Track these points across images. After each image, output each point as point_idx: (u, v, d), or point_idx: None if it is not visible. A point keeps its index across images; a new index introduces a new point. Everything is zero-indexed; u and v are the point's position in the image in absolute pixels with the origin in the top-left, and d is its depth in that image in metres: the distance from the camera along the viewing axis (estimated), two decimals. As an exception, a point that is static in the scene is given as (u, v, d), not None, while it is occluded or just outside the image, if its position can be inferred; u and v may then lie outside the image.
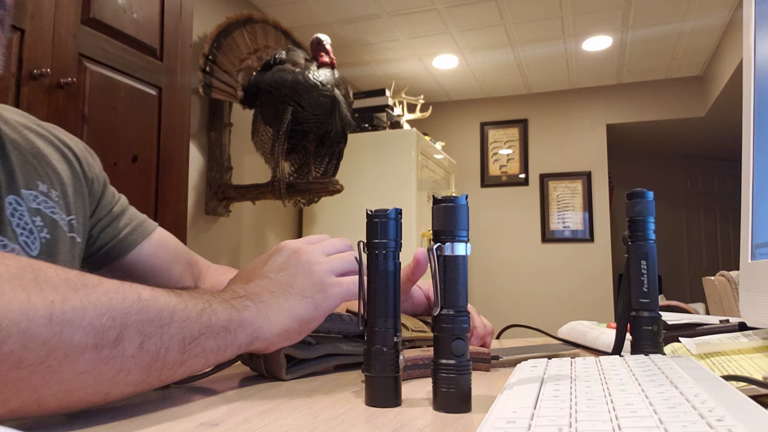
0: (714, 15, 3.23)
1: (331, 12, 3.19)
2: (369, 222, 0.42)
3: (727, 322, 0.62)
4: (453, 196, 0.39)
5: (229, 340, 0.42)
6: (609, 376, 0.37)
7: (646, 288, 0.50)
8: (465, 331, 0.38)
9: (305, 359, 0.52)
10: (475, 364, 0.54)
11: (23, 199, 0.59)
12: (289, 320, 0.46)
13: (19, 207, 0.58)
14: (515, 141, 4.56)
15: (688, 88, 4.24)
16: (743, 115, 0.59)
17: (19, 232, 0.57)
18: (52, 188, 0.64)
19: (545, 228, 4.40)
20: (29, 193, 0.60)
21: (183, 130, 1.83)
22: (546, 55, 3.77)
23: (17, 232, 0.57)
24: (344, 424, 0.35)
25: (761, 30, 0.57)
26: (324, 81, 2.42)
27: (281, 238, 3.34)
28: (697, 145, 5.16)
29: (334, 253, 0.53)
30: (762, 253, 0.53)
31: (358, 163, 3.25)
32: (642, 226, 0.50)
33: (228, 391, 0.46)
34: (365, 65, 3.94)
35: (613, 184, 4.67)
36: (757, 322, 0.54)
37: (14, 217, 0.57)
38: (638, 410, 0.28)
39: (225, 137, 2.75)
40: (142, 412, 0.40)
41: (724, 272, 1.86)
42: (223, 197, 2.71)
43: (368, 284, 0.42)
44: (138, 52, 1.66)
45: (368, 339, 0.41)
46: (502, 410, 0.30)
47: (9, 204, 0.57)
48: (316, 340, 0.53)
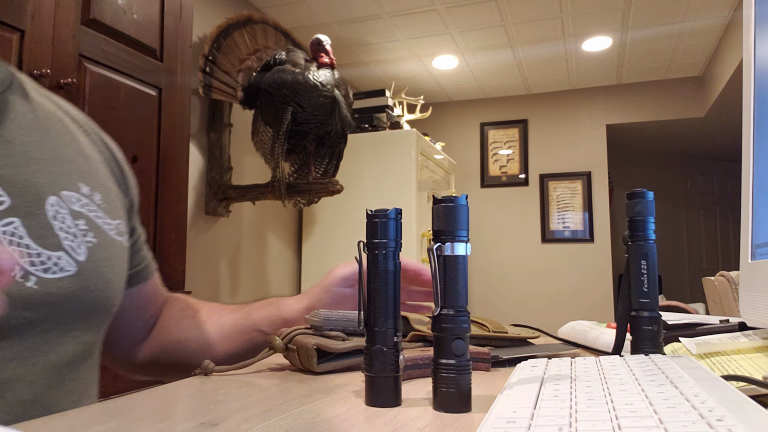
0: (714, 15, 3.23)
1: (331, 12, 3.19)
2: (369, 222, 0.42)
3: (727, 322, 0.62)
4: (453, 196, 0.39)
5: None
6: (609, 376, 0.37)
7: (646, 288, 0.50)
8: (465, 331, 0.38)
9: (336, 353, 0.54)
10: (475, 364, 0.54)
11: (64, 201, 0.53)
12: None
13: (62, 209, 0.52)
14: (515, 141, 4.56)
15: (688, 89, 4.24)
16: (743, 115, 0.59)
17: (62, 236, 0.51)
18: (95, 190, 0.59)
19: (545, 228, 4.40)
20: (70, 194, 0.55)
21: (183, 131, 1.83)
22: (546, 55, 3.78)
23: (60, 236, 0.51)
24: (344, 424, 0.35)
25: (761, 30, 0.57)
26: (324, 81, 2.42)
27: (281, 238, 3.34)
28: (697, 145, 5.16)
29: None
30: (762, 253, 0.53)
31: (358, 164, 3.25)
32: (642, 226, 0.50)
33: (228, 391, 0.46)
34: (365, 66, 3.94)
35: (613, 184, 4.67)
36: (757, 322, 0.54)
37: (56, 220, 0.51)
38: (638, 410, 0.28)
39: (225, 137, 2.75)
40: (142, 411, 0.40)
41: (724, 272, 1.86)
42: (223, 197, 2.71)
43: (368, 284, 0.42)
44: (138, 52, 1.66)
45: (368, 339, 0.41)
46: (502, 410, 0.30)
47: (51, 206, 0.52)
48: (347, 335, 0.56)
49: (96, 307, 0.55)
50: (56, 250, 0.50)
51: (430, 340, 0.61)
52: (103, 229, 0.57)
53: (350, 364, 0.55)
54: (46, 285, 0.49)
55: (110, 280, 0.56)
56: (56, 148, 0.56)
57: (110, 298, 0.57)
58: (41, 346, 0.49)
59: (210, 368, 0.53)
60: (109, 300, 0.57)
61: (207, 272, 2.70)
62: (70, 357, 0.52)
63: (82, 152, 0.60)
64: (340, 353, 0.54)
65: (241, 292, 2.94)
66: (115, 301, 0.59)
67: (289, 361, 0.56)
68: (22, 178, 0.50)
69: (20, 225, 0.48)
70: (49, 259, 0.49)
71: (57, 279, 0.50)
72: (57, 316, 0.50)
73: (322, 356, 0.53)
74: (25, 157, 0.52)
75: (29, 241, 0.48)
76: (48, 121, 0.57)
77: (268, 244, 3.22)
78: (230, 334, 0.71)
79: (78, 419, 0.37)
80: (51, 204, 0.52)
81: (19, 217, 0.48)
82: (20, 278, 0.47)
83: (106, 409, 0.40)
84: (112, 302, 0.58)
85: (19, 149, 0.52)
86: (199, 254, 2.60)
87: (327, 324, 0.56)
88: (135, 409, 0.42)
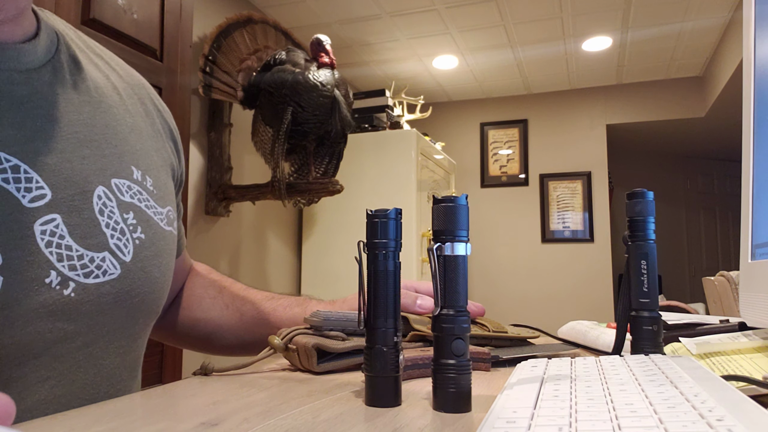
0: (714, 15, 3.23)
1: (331, 12, 3.19)
2: (369, 222, 0.42)
3: (727, 322, 0.62)
4: (453, 196, 0.39)
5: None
6: (609, 376, 0.37)
7: (646, 288, 0.50)
8: (465, 331, 0.38)
9: (336, 353, 0.54)
10: (475, 364, 0.54)
11: (113, 191, 0.48)
12: None
13: (109, 202, 0.47)
14: (515, 141, 4.56)
15: (688, 89, 4.24)
16: (743, 115, 0.59)
17: (109, 234, 0.46)
18: (147, 174, 0.53)
19: (545, 228, 4.40)
20: (121, 182, 0.49)
21: (183, 130, 1.83)
22: (546, 55, 3.78)
23: (107, 234, 0.46)
24: (344, 424, 0.35)
25: (761, 30, 0.57)
26: (324, 81, 2.42)
27: (281, 238, 3.34)
28: (697, 145, 5.16)
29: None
30: (762, 253, 0.53)
31: (358, 164, 3.25)
32: (642, 226, 0.50)
33: (228, 391, 0.46)
34: (365, 65, 3.93)
35: (613, 184, 4.67)
36: (757, 322, 0.54)
37: (103, 215, 0.46)
38: (638, 410, 0.28)
39: (225, 137, 2.75)
40: (142, 411, 0.40)
41: (724, 272, 1.86)
42: (223, 197, 2.71)
43: (368, 284, 0.42)
44: (138, 52, 1.66)
45: (368, 339, 0.41)
46: (502, 410, 0.30)
47: (98, 198, 0.46)
48: (346, 335, 0.56)
49: (141, 310, 0.51)
50: (101, 251, 0.45)
51: (430, 340, 0.61)
52: (153, 221, 0.52)
53: (350, 364, 0.55)
54: (86, 292, 0.44)
55: (157, 280, 0.52)
56: (109, 125, 0.50)
57: (157, 299, 0.53)
58: (83, 361, 0.45)
59: (210, 368, 0.53)
60: (155, 302, 0.53)
61: (207, 272, 2.70)
62: (112, 370, 0.48)
63: (136, 127, 0.54)
64: (340, 353, 0.54)
65: (241, 292, 2.94)
66: (162, 301, 0.55)
67: (289, 361, 0.56)
68: (68, 166, 0.45)
69: (62, 222, 0.43)
70: (92, 261, 0.44)
71: (98, 284, 0.45)
72: (99, 327, 0.46)
73: (322, 356, 0.53)
74: (74, 140, 0.46)
75: (71, 242, 0.43)
76: (100, 91, 0.51)
77: (268, 244, 3.22)
78: (250, 326, 0.68)
79: (78, 419, 0.37)
80: (98, 196, 0.46)
81: (61, 213, 0.43)
82: (57, 286, 0.42)
83: (106, 409, 0.40)
84: (159, 303, 0.54)
85: (67, 130, 0.46)
86: (199, 254, 2.60)
87: (327, 324, 0.56)
88: (135, 409, 0.42)
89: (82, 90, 0.49)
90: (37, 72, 0.45)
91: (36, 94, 0.44)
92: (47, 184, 0.43)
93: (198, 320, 0.69)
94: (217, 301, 0.70)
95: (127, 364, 0.51)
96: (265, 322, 0.68)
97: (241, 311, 0.69)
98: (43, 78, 0.45)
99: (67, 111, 0.46)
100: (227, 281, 0.73)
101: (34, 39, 0.46)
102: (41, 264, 0.41)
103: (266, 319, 0.68)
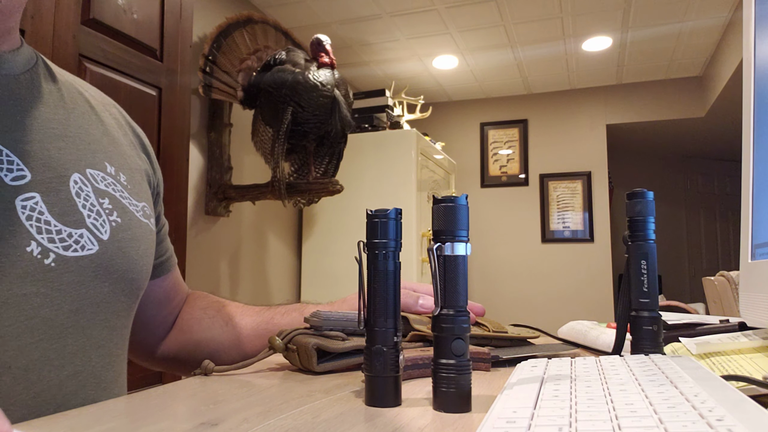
0: (714, 15, 3.23)
1: (331, 12, 3.19)
2: (369, 222, 0.42)
3: (727, 322, 0.62)
4: (453, 196, 0.39)
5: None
6: (609, 376, 0.37)
7: (646, 288, 0.50)
8: (465, 331, 0.38)
9: (336, 353, 0.54)
10: (475, 364, 0.54)
11: (88, 179, 0.52)
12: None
13: (85, 187, 0.51)
14: (515, 141, 4.56)
15: (687, 89, 4.24)
16: (743, 115, 0.59)
17: (86, 213, 0.50)
18: (121, 171, 0.57)
19: (545, 228, 4.40)
20: (95, 173, 0.53)
21: (183, 131, 1.83)
22: (546, 55, 3.78)
23: (84, 213, 0.50)
24: (344, 424, 0.35)
25: (761, 30, 0.57)
26: (324, 81, 2.42)
27: (281, 238, 3.34)
28: (697, 145, 5.16)
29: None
30: (762, 253, 0.53)
31: (358, 164, 3.25)
32: (642, 226, 0.50)
33: (228, 391, 0.46)
34: (365, 65, 3.94)
35: (613, 184, 4.67)
36: (757, 322, 0.54)
37: (80, 197, 0.50)
38: (638, 410, 0.28)
39: (225, 137, 2.75)
40: (142, 411, 0.40)
41: (724, 272, 1.86)
42: (223, 197, 2.71)
43: (368, 284, 0.42)
44: (138, 52, 1.66)
45: (368, 339, 0.41)
46: (502, 410, 0.30)
47: (74, 183, 0.51)
48: (346, 335, 0.56)
49: (122, 289, 0.53)
50: (79, 228, 0.49)
51: (430, 340, 0.61)
52: (128, 209, 0.56)
53: (350, 364, 0.55)
54: (66, 264, 0.47)
55: (135, 261, 0.55)
56: (81, 126, 0.55)
57: (135, 279, 0.55)
58: (71, 328, 0.48)
59: (210, 368, 0.53)
60: (134, 282, 0.55)
61: (207, 272, 2.70)
62: (100, 341, 0.51)
63: (108, 133, 0.59)
64: (340, 353, 0.54)
65: (241, 292, 2.94)
66: (141, 283, 0.57)
67: (289, 361, 0.56)
68: (46, 153, 0.49)
69: (41, 201, 0.47)
70: (70, 236, 0.48)
71: (77, 257, 0.48)
72: (82, 297, 0.49)
73: (322, 356, 0.53)
74: (50, 134, 0.51)
75: (50, 218, 0.47)
76: (74, 101, 0.56)
77: (268, 244, 3.22)
78: (250, 337, 0.70)
79: (78, 419, 0.37)
80: (75, 181, 0.50)
81: (40, 192, 0.47)
82: (38, 255, 0.46)
83: (106, 409, 0.40)
84: (138, 284, 0.56)
85: (44, 125, 0.50)
86: (199, 254, 2.60)
87: (327, 324, 0.56)
88: (135, 409, 0.42)
89: (57, 98, 0.54)
90: (15, 78, 0.51)
91: (14, 95, 0.50)
92: (27, 167, 0.47)
93: (199, 342, 0.71)
94: (216, 319, 0.72)
95: (114, 338, 0.54)
96: (265, 330, 0.70)
97: (241, 325, 0.71)
98: (21, 83, 0.51)
99: (44, 111, 0.51)
100: (225, 301, 0.76)
101: (15, 51, 0.52)
102: (22, 234, 0.45)
103: (265, 328, 0.70)
